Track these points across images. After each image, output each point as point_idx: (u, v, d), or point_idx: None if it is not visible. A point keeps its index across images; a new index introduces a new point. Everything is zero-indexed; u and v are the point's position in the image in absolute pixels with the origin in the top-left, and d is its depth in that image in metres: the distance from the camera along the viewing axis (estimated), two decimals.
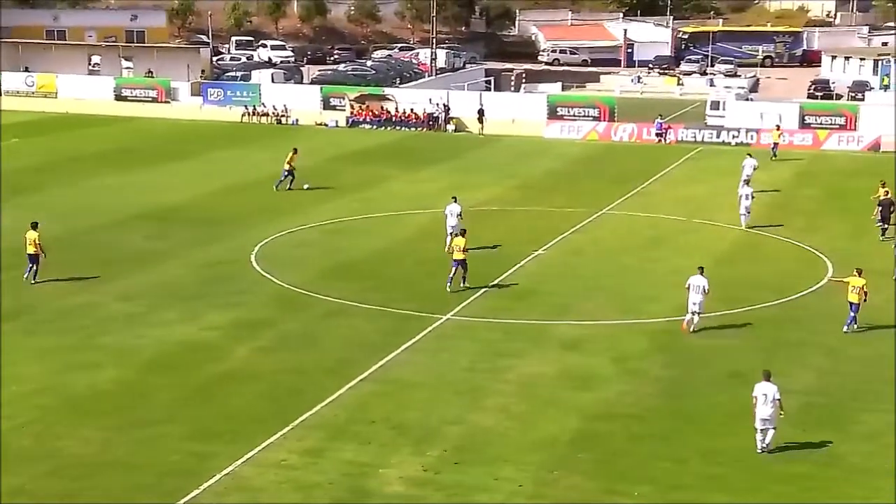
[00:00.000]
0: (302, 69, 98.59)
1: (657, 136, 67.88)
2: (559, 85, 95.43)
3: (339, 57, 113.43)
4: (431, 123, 72.71)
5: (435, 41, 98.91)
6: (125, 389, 25.68)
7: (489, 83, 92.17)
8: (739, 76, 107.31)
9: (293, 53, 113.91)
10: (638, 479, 21.24)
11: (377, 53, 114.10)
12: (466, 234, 34.84)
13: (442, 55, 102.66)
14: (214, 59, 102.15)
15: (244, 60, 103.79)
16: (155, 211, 45.50)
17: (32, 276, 34.20)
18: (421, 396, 25.41)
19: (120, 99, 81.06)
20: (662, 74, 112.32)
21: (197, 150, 63.18)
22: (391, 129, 72.67)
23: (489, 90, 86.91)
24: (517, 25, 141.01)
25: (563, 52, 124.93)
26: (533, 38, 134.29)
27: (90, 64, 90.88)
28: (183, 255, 38.33)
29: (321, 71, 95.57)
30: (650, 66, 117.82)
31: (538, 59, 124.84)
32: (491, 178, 53.89)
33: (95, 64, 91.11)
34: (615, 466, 21.84)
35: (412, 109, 73.24)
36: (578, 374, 27.05)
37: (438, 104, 73.20)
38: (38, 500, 20.28)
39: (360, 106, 74.57)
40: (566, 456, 22.30)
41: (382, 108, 74.08)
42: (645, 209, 46.95)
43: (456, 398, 25.31)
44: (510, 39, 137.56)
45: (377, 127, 73.13)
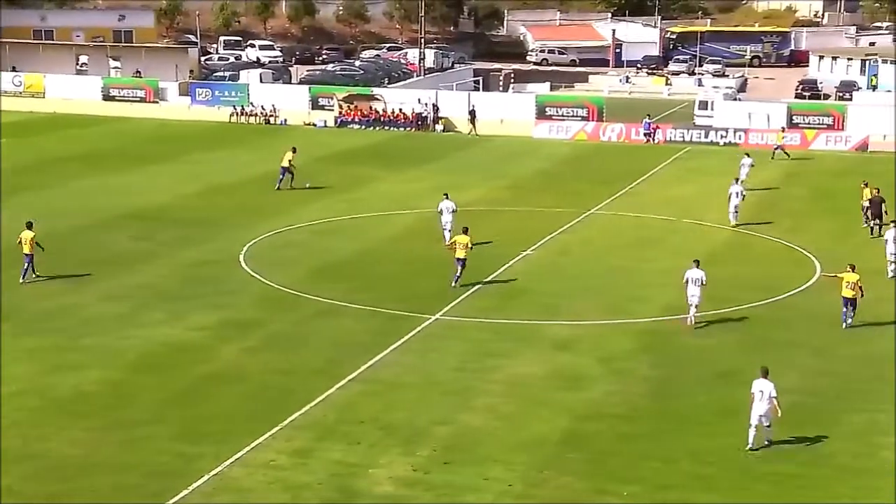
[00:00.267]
0: (290, 69, 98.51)
1: (645, 136, 67.96)
2: (548, 85, 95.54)
3: (327, 57, 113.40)
4: (420, 123, 72.69)
5: (423, 41, 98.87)
6: (111, 390, 25.59)
7: (478, 83, 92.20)
8: (727, 76, 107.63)
9: (281, 53, 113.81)
10: (627, 478, 21.25)
11: (366, 53, 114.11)
12: (469, 231, 34.68)
13: (430, 55, 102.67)
14: (203, 59, 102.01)
15: (232, 60, 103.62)
16: (142, 211, 45.36)
17: (21, 274, 34.13)
18: (410, 396, 25.39)
19: (108, 99, 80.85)
20: (651, 74, 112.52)
21: (185, 150, 63.00)
22: (380, 129, 72.60)
23: (478, 90, 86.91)
24: (505, 25, 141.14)
25: (551, 52, 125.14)
26: (521, 38, 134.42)
27: (78, 64, 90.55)
28: (170, 255, 38.23)
29: (310, 71, 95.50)
30: (638, 66, 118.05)
31: (527, 59, 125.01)
32: (479, 178, 53.86)
33: (83, 64, 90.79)
34: (604, 466, 21.85)
35: (401, 109, 73.19)
36: (567, 374, 27.06)
37: (427, 104, 73.20)
38: (25, 500, 20.20)
39: (348, 106, 74.49)
40: (555, 456, 22.29)
41: (371, 108, 74.01)
42: (633, 209, 47.00)
43: (445, 398, 25.29)
44: (498, 39, 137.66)
45: (366, 127, 73.06)
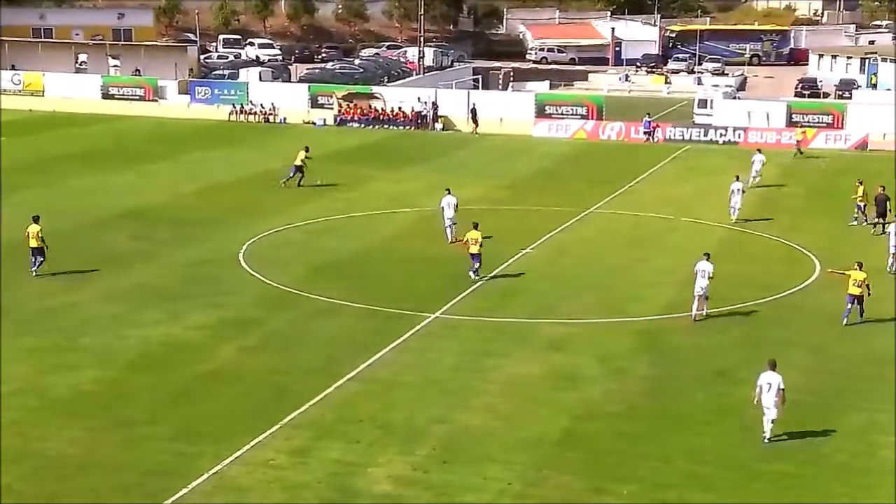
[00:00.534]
0: (290, 67, 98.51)
1: (645, 134, 67.97)
2: (547, 83, 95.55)
3: (326, 55, 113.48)
4: (419, 122, 72.69)
5: (423, 40, 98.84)
6: (110, 389, 25.59)
7: (477, 82, 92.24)
8: (727, 75, 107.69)
9: (281, 52, 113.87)
10: (625, 477, 21.26)
11: (365, 52, 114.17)
12: (479, 226, 35.10)
13: (430, 54, 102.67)
14: (202, 57, 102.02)
15: (232, 59, 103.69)
16: (140, 210, 45.36)
17: (33, 266, 34.71)
18: (408, 396, 25.40)
19: (107, 97, 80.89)
20: (650, 73, 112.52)
21: (184, 148, 63.01)
22: (379, 127, 72.62)
23: (477, 89, 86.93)
24: (505, 24, 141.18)
25: (550, 50, 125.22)
26: (521, 36, 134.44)
27: (77, 62, 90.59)
28: (168, 254, 38.23)
29: (309, 69, 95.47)
30: (638, 64, 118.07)
31: (526, 57, 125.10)
32: (478, 176, 53.85)
33: (82, 62, 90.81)
34: (603, 465, 21.86)
35: (400, 108, 73.19)
36: (565, 373, 27.06)
37: (427, 103, 73.19)
38: (24, 499, 20.21)
39: (347, 104, 74.51)
40: (554, 455, 22.31)
41: (370, 106, 74.03)
42: (632, 208, 46.99)
43: (444, 397, 25.30)
44: (498, 38, 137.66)
45: (365, 126, 73.08)
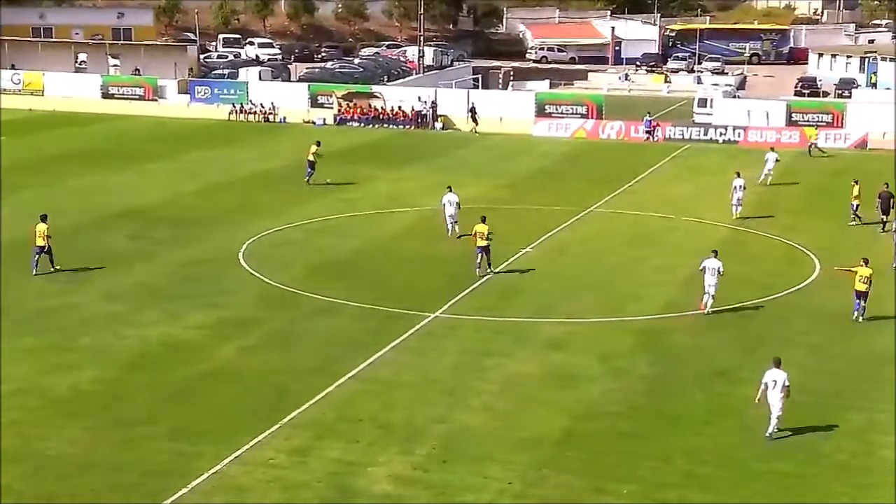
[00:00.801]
0: (289, 67, 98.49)
1: (646, 133, 67.94)
2: (547, 83, 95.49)
3: (326, 55, 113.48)
4: (419, 121, 72.68)
5: (423, 39, 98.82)
6: (109, 389, 25.59)
7: (477, 81, 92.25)
8: (727, 74, 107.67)
9: (281, 51, 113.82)
10: (625, 477, 21.26)
11: (365, 51, 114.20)
12: (486, 220, 35.36)
13: (430, 53, 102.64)
14: (202, 56, 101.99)
15: (231, 58, 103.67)
16: (140, 210, 45.34)
17: (34, 266, 34.86)
18: (408, 395, 25.39)
19: (107, 97, 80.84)
20: (650, 72, 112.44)
21: (184, 148, 62.96)
22: (379, 126, 72.61)
23: (477, 88, 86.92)
24: (505, 23, 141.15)
25: (550, 49, 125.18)
26: (520, 35, 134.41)
27: (77, 62, 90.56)
28: (168, 254, 38.23)
29: (309, 69, 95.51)
30: (638, 63, 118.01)
31: (526, 56, 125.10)
32: (478, 176, 53.82)
33: (82, 62, 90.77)
34: (602, 465, 21.86)
35: (400, 107, 73.16)
36: (564, 372, 27.06)
37: (426, 102, 73.17)
38: (24, 499, 20.21)
39: (347, 104, 74.48)
40: (553, 454, 22.30)
41: (370, 105, 74.00)
42: (632, 207, 46.98)
43: (443, 397, 25.29)
44: (498, 37, 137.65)
45: (365, 125, 73.06)
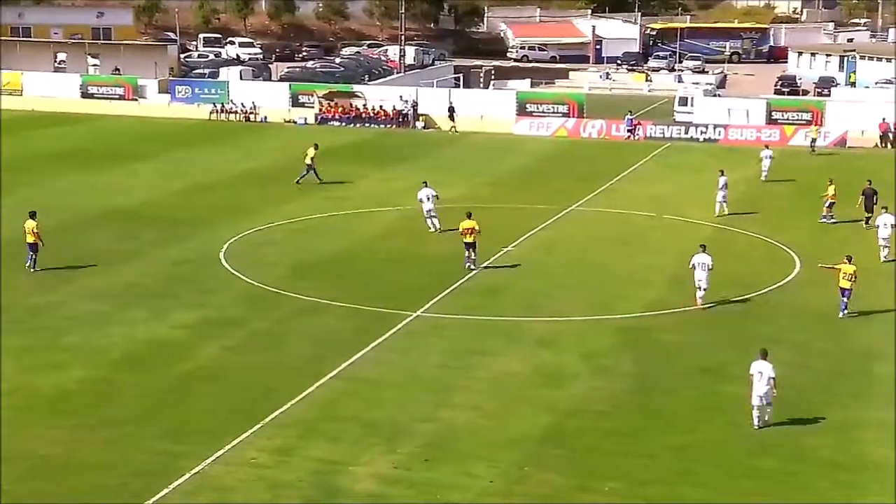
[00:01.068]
0: (270, 66, 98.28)
1: (628, 132, 68.02)
2: (528, 82, 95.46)
3: (307, 54, 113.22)
4: (401, 121, 72.63)
5: (404, 38, 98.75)
6: (93, 389, 25.50)
7: (458, 80, 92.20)
8: (707, 72, 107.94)
9: (261, 50, 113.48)
10: (609, 474, 21.30)
11: (346, 50, 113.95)
12: (473, 216, 35.51)
13: (411, 52, 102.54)
14: (182, 56, 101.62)
15: (212, 57, 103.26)
16: (123, 210, 45.18)
17: (33, 264, 34.97)
18: (391, 394, 25.37)
19: (86, 97, 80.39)
20: (631, 71, 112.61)
21: (165, 148, 62.71)
22: (360, 126, 72.52)
23: (458, 87, 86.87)
24: (486, 22, 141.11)
25: (531, 48, 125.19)
26: (502, 35, 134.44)
27: (56, 61, 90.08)
28: (150, 254, 38.09)
29: (290, 68, 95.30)
30: (619, 62, 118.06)
31: (507, 55, 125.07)
32: (460, 175, 53.81)
33: (61, 61, 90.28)
34: (586, 462, 21.89)
35: (381, 106, 73.09)
36: (549, 370, 27.09)
37: (408, 101, 73.11)
38: (9, 499, 20.09)
39: (328, 103, 74.36)
40: (537, 452, 22.32)
41: (351, 105, 73.90)
42: (614, 206, 47.06)
43: (426, 396, 25.28)
44: (479, 36, 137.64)
45: (346, 124, 72.95)
